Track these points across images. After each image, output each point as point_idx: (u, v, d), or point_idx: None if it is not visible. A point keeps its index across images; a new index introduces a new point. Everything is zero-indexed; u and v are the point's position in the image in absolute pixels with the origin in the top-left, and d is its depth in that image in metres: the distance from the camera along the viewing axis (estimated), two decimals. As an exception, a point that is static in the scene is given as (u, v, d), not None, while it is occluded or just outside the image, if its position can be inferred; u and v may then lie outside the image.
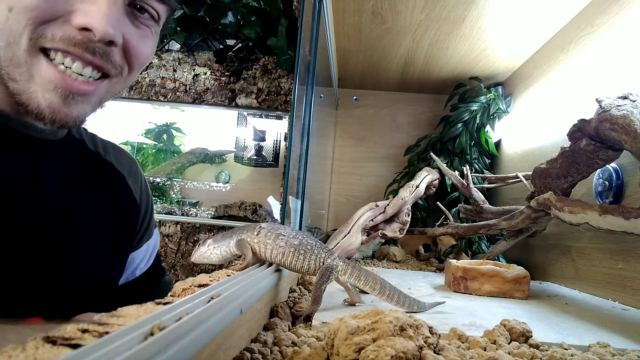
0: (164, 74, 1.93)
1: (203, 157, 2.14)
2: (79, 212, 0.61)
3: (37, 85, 0.50)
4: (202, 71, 1.92)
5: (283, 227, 0.60)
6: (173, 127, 2.20)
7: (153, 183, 2.08)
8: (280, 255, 0.57)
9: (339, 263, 0.59)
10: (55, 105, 0.50)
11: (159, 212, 1.93)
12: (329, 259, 0.59)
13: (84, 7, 0.49)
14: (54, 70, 0.49)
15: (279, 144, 2.07)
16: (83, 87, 0.51)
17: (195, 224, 1.86)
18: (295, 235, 0.59)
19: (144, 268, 0.75)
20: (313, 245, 0.59)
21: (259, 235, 0.58)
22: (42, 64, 0.49)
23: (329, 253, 0.59)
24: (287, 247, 0.57)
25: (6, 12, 0.47)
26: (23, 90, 0.50)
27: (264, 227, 0.59)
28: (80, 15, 0.49)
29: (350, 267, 0.59)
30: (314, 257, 0.58)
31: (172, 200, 2.06)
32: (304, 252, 0.58)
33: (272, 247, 0.57)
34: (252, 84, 1.90)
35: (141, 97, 1.92)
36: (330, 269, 0.58)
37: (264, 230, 0.59)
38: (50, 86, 0.50)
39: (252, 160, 2.08)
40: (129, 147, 2.18)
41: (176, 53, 1.93)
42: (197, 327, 0.28)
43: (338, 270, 0.59)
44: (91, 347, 0.20)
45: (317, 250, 0.58)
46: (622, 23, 0.91)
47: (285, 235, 0.58)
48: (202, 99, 1.92)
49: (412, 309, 0.60)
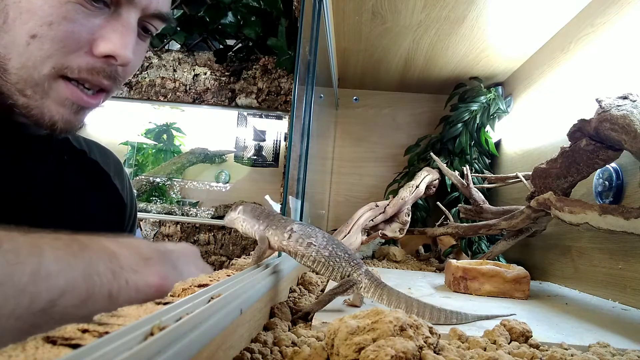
0: (164, 74, 1.93)
1: (203, 157, 2.14)
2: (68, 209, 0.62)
3: (51, 101, 0.51)
4: (202, 71, 1.92)
5: (314, 233, 0.59)
6: (173, 127, 2.20)
7: (153, 183, 2.08)
8: (310, 261, 0.58)
9: (364, 280, 0.58)
10: (67, 117, 0.52)
11: (159, 212, 1.93)
12: (355, 273, 0.58)
13: (106, 35, 0.51)
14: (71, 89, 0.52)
15: (279, 144, 2.07)
16: (93, 101, 0.54)
17: (195, 224, 1.86)
18: (325, 246, 0.58)
19: None
20: (342, 257, 0.58)
21: (290, 240, 0.57)
22: (61, 85, 0.51)
23: (356, 266, 0.59)
24: (317, 256, 0.57)
25: (27, 38, 0.48)
26: (36, 105, 0.51)
27: (295, 231, 0.58)
28: (104, 44, 0.51)
29: (374, 285, 0.58)
30: (341, 270, 0.58)
31: (172, 200, 2.06)
32: (333, 263, 0.58)
33: (302, 253, 0.57)
34: (252, 84, 1.90)
35: (141, 97, 1.92)
36: (352, 283, 0.57)
37: (295, 235, 0.58)
38: (65, 102, 0.52)
39: (252, 160, 2.08)
40: (128, 147, 2.18)
41: (176, 53, 1.93)
42: (197, 327, 0.28)
43: (361, 287, 0.58)
44: (91, 347, 0.20)
45: (344, 263, 0.58)
46: (622, 23, 0.91)
47: (316, 245, 0.57)
48: (202, 99, 1.92)
49: (450, 322, 0.57)
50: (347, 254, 0.59)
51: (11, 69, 0.49)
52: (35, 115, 0.51)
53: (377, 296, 0.58)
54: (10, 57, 0.48)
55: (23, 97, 0.50)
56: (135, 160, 2.18)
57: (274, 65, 1.87)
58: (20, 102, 0.50)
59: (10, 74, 0.49)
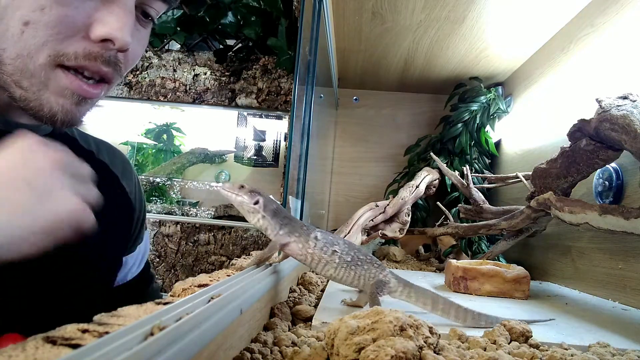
0: (164, 74, 1.93)
1: (203, 157, 2.14)
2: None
3: (50, 92, 0.49)
4: (202, 71, 1.92)
5: (336, 240, 0.58)
6: (173, 127, 2.20)
7: (153, 183, 2.08)
8: (332, 269, 0.57)
9: (392, 280, 0.59)
10: (67, 108, 0.50)
11: (159, 212, 1.93)
12: (380, 274, 0.58)
13: (103, 18, 0.49)
14: (70, 79, 0.49)
15: (279, 144, 2.07)
16: (94, 91, 0.51)
17: (195, 224, 1.86)
18: (347, 252, 0.58)
19: (136, 272, 0.74)
20: (364, 261, 0.58)
21: (315, 248, 0.56)
22: (59, 74, 0.49)
23: (380, 268, 0.59)
24: (340, 262, 0.57)
25: (20, 26, 0.46)
26: (34, 97, 0.49)
27: (319, 239, 0.57)
28: (100, 26, 0.48)
29: (402, 284, 0.59)
30: (365, 273, 0.58)
31: (172, 200, 2.07)
32: (355, 267, 0.57)
33: (326, 261, 0.56)
34: (252, 84, 1.90)
35: (141, 97, 1.92)
36: (383, 283, 0.58)
37: (320, 243, 0.56)
38: (65, 93, 0.49)
39: (252, 160, 2.08)
40: (129, 147, 2.18)
41: (176, 53, 1.93)
42: (197, 327, 0.28)
43: (390, 287, 0.58)
44: (91, 347, 0.20)
45: (367, 266, 0.58)
46: (622, 23, 0.91)
47: (339, 252, 0.57)
48: (202, 99, 1.92)
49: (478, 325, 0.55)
50: (369, 257, 0.59)
51: (6, 59, 0.47)
52: (34, 108, 0.49)
53: (406, 294, 0.58)
54: (4, 47, 0.46)
55: (20, 89, 0.48)
56: (135, 160, 2.18)
57: (274, 65, 1.87)
58: (17, 94, 0.48)
59: (5, 65, 0.47)
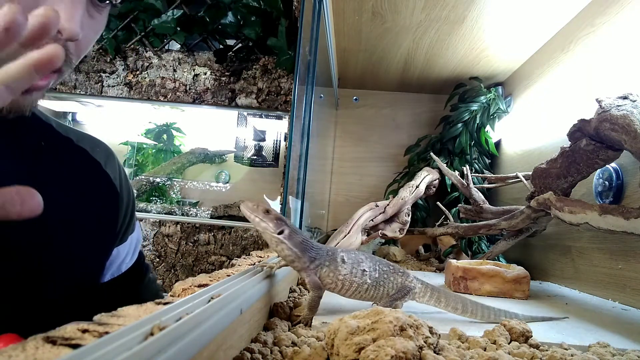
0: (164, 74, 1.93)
1: (203, 157, 2.14)
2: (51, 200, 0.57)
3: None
4: (202, 71, 1.92)
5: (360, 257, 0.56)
6: (173, 127, 2.20)
7: (153, 183, 2.08)
8: (364, 292, 0.55)
9: (418, 285, 0.58)
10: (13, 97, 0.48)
11: (159, 212, 1.93)
12: (406, 281, 0.58)
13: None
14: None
15: (279, 144, 2.07)
16: (42, 82, 0.49)
17: (195, 224, 1.86)
18: (374, 267, 0.56)
19: (130, 263, 0.73)
20: (389, 272, 0.58)
21: (346, 274, 0.54)
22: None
23: (405, 275, 0.59)
24: (371, 282, 0.55)
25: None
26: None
27: (346, 261, 0.54)
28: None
29: (430, 289, 0.59)
30: (391, 284, 0.57)
31: (172, 200, 2.07)
32: (383, 281, 0.56)
33: (357, 284, 0.54)
34: (252, 84, 1.90)
35: (141, 97, 1.92)
36: (408, 289, 0.57)
37: (348, 266, 0.54)
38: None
39: (252, 160, 2.08)
40: (129, 147, 2.18)
41: (176, 53, 1.93)
42: (197, 327, 0.28)
43: (415, 292, 0.58)
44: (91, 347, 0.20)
45: (393, 277, 0.57)
46: (622, 23, 0.91)
47: (368, 271, 0.55)
48: (202, 99, 1.92)
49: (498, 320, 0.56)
50: (392, 267, 0.59)
51: None
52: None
53: (435, 299, 0.58)
54: None
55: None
56: (135, 160, 2.18)
57: (274, 65, 1.87)
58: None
59: None
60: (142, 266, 0.77)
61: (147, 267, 0.80)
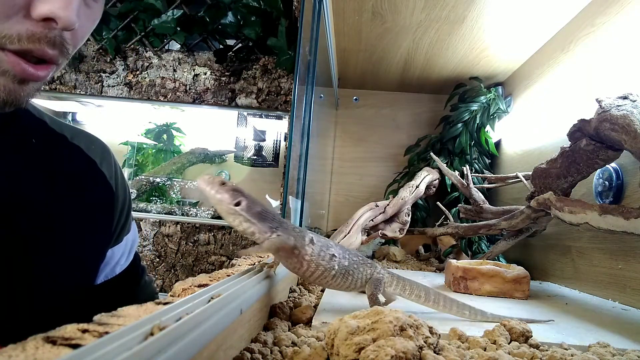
0: (164, 74, 1.93)
1: (203, 157, 2.14)
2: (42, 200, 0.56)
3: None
4: (202, 71, 1.92)
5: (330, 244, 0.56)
6: (173, 127, 2.20)
7: (153, 183, 2.08)
8: (330, 278, 0.54)
9: (385, 275, 0.59)
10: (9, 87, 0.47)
11: (159, 212, 1.93)
12: (375, 272, 0.59)
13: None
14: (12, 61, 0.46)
15: (279, 144, 2.07)
16: (40, 73, 0.48)
17: (195, 224, 1.86)
18: (344, 255, 0.56)
19: (124, 265, 0.71)
20: (359, 262, 0.58)
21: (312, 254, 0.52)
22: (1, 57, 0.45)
23: (372, 266, 0.59)
24: (338, 269, 0.54)
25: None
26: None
27: (315, 242, 0.53)
28: (42, 4, 0.44)
29: (395, 278, 0.60)
30: (360, 276, 0.57)
31: (172, 200, 2.07)
32: (353, 271, 0.56)
33: (325, 268, 0.53)
34: (252, 84, 1.90)
35: (141, 97, 1.92)
36: (379, 280, 0.58)
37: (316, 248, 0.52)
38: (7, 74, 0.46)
39: (252, 160, 2.08)
40: (129, 147, 2.18)
41: (176, 53, 1.93)
42: (197, 327, 0.28)
43: (384, 282, 0.59)
44: (91, 347, 0.20)
45: (362, 268, 0.58)
46: (622, 23, 0.91)
47: (337, 256, 0.55)
48: (202, 99, 1.92)
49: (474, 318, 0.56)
50: (361, 258, 0.59)
51: None
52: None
53: (400, 287, 0.59)
54: None
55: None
56: (135, 160, 2.18)
57: (274, 65, 1.87)
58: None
59: None
60: (138, 268, 0.76)
61: (143, 269, 0.78)
